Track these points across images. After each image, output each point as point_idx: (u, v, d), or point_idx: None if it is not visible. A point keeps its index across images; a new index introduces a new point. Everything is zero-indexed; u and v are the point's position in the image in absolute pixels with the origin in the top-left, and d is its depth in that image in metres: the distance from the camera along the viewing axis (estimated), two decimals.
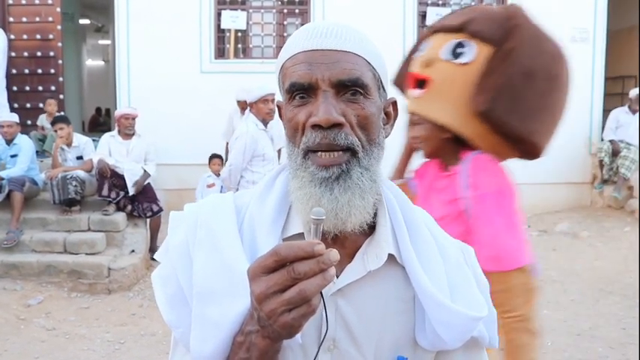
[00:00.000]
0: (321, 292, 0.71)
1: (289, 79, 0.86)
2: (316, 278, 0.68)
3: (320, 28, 0.87)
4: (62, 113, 7.31)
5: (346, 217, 0.83)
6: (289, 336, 0.73)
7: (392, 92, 0.98)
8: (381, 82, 0.91)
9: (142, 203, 6.27)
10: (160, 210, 6.35)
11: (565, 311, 4.87)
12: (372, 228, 0.91)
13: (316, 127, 0.83)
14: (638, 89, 7.78)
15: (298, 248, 0.69)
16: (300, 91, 0.85)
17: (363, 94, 0.86)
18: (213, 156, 6.80)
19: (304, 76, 0.84)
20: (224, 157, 6.64)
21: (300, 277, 0.68)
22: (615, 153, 7.49)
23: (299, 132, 0.86)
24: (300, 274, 0.68)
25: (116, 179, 6.13)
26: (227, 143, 6.57)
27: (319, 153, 0.84)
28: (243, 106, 6.33)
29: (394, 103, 0.96)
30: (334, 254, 0.70)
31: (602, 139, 7.93)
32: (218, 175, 6.65)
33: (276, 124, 4.67)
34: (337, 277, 0.87)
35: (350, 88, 0.84)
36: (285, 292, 0.69)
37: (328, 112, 0.82)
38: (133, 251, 5.96)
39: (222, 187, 6.62)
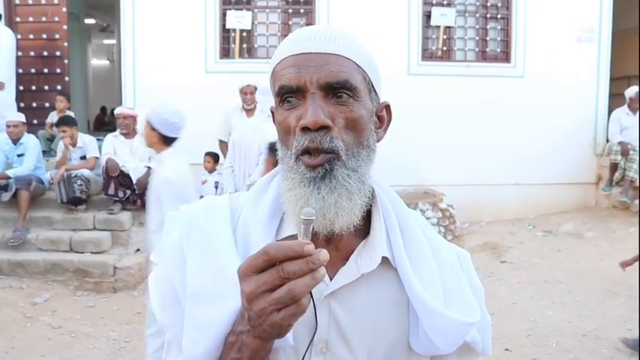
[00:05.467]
0: (310, 293, 0.71)
1: (279, 82, 0.87)
2: (305, 278, 0.69)
3: (309, 32, 0.88)
4: (68, 113, 7.34)
5: (333, 217, 0.84)
6: (279, 335, 0.73)
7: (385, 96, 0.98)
8: (372, 85, 0.91)
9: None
10: None
11: (570, 312, 4.86)
12: (366, 231, 0.92)
13: (305, 129, 0.83)
14: (637, 87, 7.66)
15: (288, 248, 0.69)
16: (290, 94, 0.86)
17: (352, 96, 0.86)
18: (207, 154, 6.87)
19: (293, 79, 0.85)
20: (220, 156, 6.69)
21: (290, 277, 0.68)
22: (624, 153, 7.38)
23: (291, 135, 0.87)
24: (289, 274, 0.68)
25: (122, 178, 6.17)
26: (219, 141, 6.55)
27: (307, 155, 0.85)
28: (250, 90, 6.11)
29: (387, 107, 0.96)
30: (324, 254, 0.70)
31: (608, 141, 7.86)
32: (210, 172, 6.78)
33: None
34: (331, 279, 0.88)
35: (338, 90, 0.85)
36: (275, 292, 0.69)
37: (316, 115, 0.82)
38: (138, 250, 5.98)
39: (216, 182, 6.68)
